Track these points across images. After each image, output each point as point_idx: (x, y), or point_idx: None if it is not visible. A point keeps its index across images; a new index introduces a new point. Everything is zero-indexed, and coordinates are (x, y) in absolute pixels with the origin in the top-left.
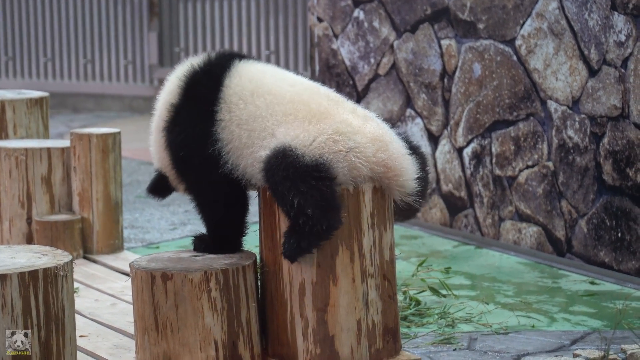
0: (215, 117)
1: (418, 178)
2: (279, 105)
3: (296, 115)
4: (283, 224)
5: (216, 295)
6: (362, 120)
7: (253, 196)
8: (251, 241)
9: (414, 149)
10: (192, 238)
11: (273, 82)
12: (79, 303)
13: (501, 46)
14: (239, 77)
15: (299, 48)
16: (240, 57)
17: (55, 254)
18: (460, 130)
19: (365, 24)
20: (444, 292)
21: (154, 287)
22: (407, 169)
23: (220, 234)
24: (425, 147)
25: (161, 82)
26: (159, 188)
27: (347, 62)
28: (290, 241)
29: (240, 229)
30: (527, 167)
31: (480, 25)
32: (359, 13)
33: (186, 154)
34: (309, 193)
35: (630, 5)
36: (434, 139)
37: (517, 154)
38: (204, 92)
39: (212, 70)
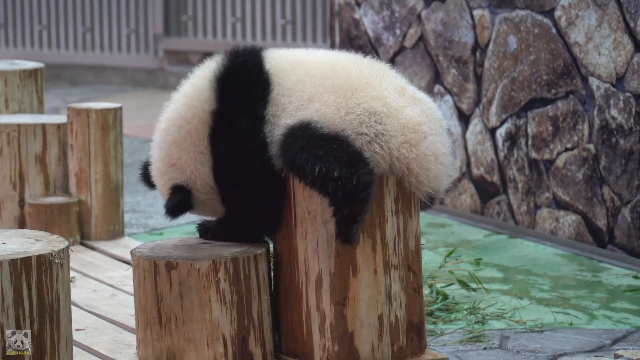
0: (263, 101)
1: (451, 176)
2: (317, 69)
3: (333, 81)
4: (299, 209)
5: (225, 286)
6: (405, 101)
7: None
8: None
9: None
10: (196, 225)
11: (309, 54)
12: (76, 293)
13: (539, 17)
14: (272, 59)
15: (318, 17)
16: (259, 48)
17: (49, 240)
18: (493, 109)
19: None
20: (473, 285)
21: (157, 277)
22: (436, 177)
23: (251, 232)
24: (455, 127)
25: (167, 53)
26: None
27: (371, 33)
28: (336, 218)
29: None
30: (566, 149)
31: None
32: None
33: (239, 151)
34: (329, 155)
35: None
36: (464, 118)
37: (555, 136)
38: (247, 83)
39: (245, 61)
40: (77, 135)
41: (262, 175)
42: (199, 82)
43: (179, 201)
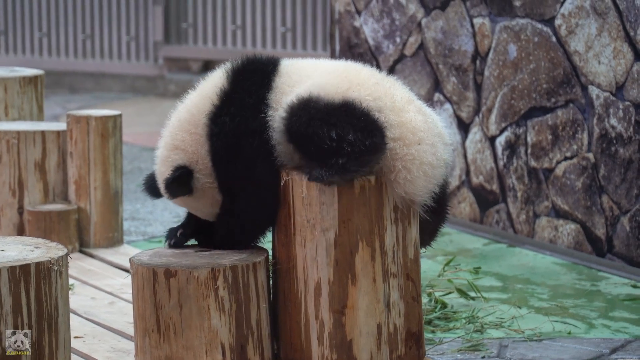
0: (269, 86)
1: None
2: (328, 67)
3: (343, 74)
4: (298, 217)
5: (224, 294)
6: (411, 108)
7: None
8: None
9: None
10: (167, 232)
11: (322, 60)
12: (74, 301)
13: (539, 26)
14: (287, 60)
15: (318, 25)
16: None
17: (48, 247)
18: (492, 117)
19: (391, 0)
20: (472, 294)
21: (156, 285)
22: (412, 182)
23: (248, 232)
24: (455, 135)
25: (167, 60)
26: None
27: (371, 41)
28: (328, 162)
29: (266, 230)
30: (566, 158)
31: (517, 3)
32: None
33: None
34: (343, 121)
35: None
36: (464, 127)
37: (554, 144)
38: (257, 71)
39: (261, 57)
40: (76, 142)
41: (261, 158)
42: (214, 73)
43: (180, 174)
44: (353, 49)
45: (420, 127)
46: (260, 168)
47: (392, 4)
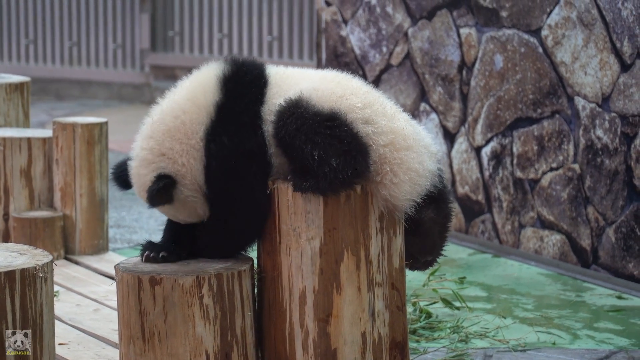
0: (260, 100)
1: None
2: (317, 76)
3: (334, 81)
4: (283, 225)
5: (209, 302)
6: (401, 117)
7: None
8: None
9: (440, 193)
10: (142, 246)
11: (310, 70)
12: (59, 308)
13: (525, 36)
14: (273, 68)
15: (305, 34)
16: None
17: (34, 254)
18: (478, 127)
19: (378, 9)
20: (457, 304)
21: (141, 292)
22: (397, 186)
23: (235, 247)
24: (440, 145)
25: (153, 68)
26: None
27: (357, 51)
28: (307, 179)
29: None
30: (551, 169)
31: (503, 13)
32: None
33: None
34: (326, 142)
35: None
36: (450, 137)
37: (540, 155)
38: (249, 82)
39: (249, 64)
40: (62, 149)
41: (257, 180)
42: (202, 78)
43: (165, 184)
44: (339, 58)
45: (410, 135)
46: (257, 190)
47: (378, 13)
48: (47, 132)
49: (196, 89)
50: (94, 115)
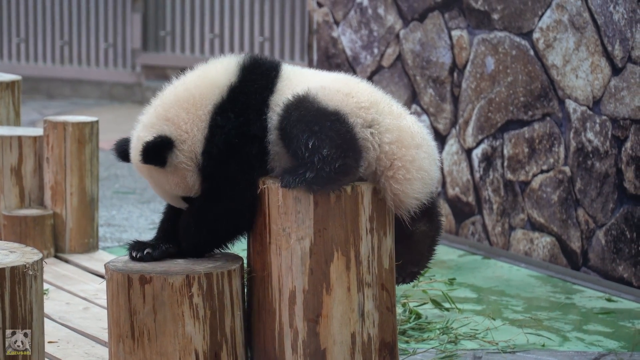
0: (270, 89)
1: (420, 201)
2: (328, 77)
3: (343, 81)
4: (273, 226)
5: (198, 301)
6: (409, 118)
7: None
8: (238, 244)
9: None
10: (129, 245)
11: (318, 71)
12: (49, 306)
13: (517, 39)
14: (288, 66)
15: (296, 35)
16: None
17: (24, 252)
18: (469, 129)
19: (369, 11)
20: (447, 305)
21: (131, 291)
22: (410, 183)
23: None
24: None
25: (144, 68)
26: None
27: (348, 52)
28: (297, 171)
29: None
30: (542, 171)
31: (495, 16)
32: None
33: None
34: (323, 133)
35: None
36: (440, 139)
37: (531, 157)
38: (264, 74)
39: (265, 59)
40: (53, 148)
41: (255, 162)
42: (221, 63)
43: (162, 141)
44: (331, 59)
45: (418, 133)
46: (253, 172)
47: (370, 15)
48: (38, 131)
49: (212, 71)
50: (85, 114)
